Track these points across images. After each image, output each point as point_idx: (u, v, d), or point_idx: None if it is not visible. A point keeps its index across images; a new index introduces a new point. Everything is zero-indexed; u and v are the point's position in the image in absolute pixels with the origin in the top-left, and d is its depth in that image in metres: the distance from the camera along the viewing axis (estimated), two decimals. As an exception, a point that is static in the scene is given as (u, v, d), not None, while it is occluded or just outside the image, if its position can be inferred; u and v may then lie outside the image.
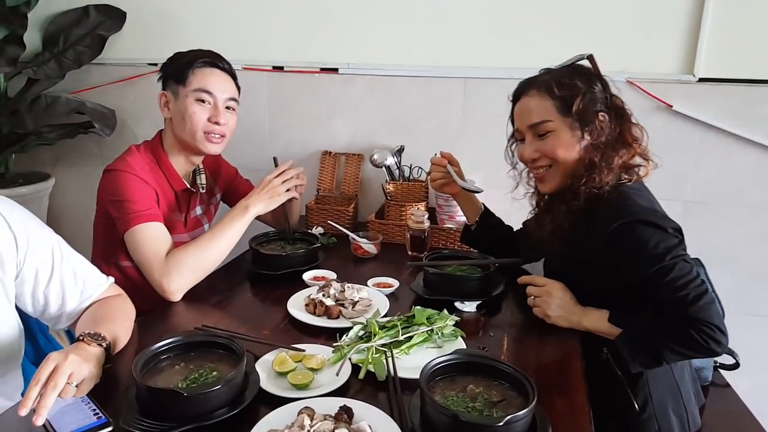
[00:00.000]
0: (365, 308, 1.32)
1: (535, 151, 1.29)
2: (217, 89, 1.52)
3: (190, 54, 1.54)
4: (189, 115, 1.50)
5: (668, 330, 1.12)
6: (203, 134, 1.53)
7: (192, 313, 1.35)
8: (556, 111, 1.24)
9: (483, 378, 0.98)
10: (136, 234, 1.39)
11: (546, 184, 1.33)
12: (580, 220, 1.25)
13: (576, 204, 1.25)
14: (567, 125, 1.24)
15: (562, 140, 1.25)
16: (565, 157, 1.26)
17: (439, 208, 1.89)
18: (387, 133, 2.07)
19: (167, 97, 1.55)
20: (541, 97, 1.26)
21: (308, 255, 1.58)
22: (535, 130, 1.28)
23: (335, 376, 1.04)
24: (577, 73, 1.26)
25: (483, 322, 1.32)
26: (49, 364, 0.88)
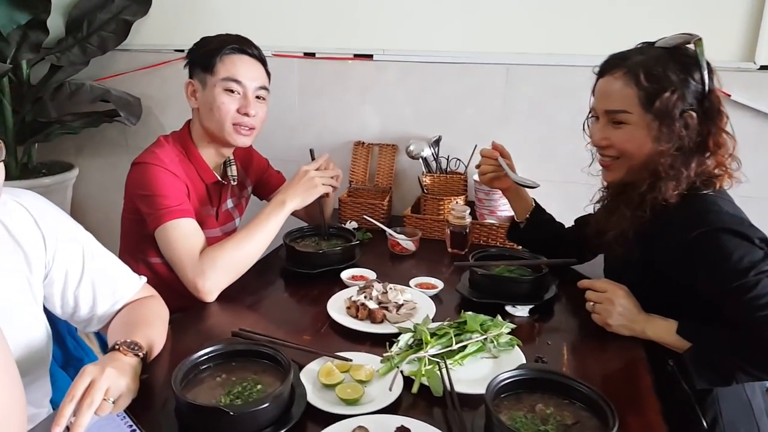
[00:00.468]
0: (410, 311, 1.24)
1: (604, 139, 1.18)
2: (247, 78, 1.44)
3: (217, 39, 1.45)
4: (217, 106, 1.42)
5: (744, 351, 1.03)
6: (232, 126, 1.45)
7: (226, 314, 1.28)
8: (638, 103, 1.12)
9: (552, 396, 0.90)
10: (167, 231, 1.32)
11: (610, 174, 1.22)
12: (650, 229, 1.15)
13: (641, 215, 1.15)
14: (645, 121, 1.12)
15: (636, 136, 1.14)
16: (635, 153, 1.15)
17: (479, 202, 1.79)
18: (423, 122, 1.96)
19: (194, 86, 1.47)
20: (625, 83, 1.13)
21: (346, 252, 1.50)
22: (610, 116, 1.16)
23: (386, 390, 0.96)
24: (674, 61, 1.11)
25: (537, 328, 1.23)
26: (84, 379, 0.82)
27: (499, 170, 1.41)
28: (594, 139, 1.21)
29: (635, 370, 1.08)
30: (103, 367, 0.84)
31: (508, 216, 1.76)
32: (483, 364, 1.07)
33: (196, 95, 1.46)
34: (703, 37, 1.68)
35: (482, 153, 1.44)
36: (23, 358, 0.92)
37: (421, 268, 1.54)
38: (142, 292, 1.14)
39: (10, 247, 0.93)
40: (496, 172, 1.42)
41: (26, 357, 0.93)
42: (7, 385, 0.71)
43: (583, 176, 1.34)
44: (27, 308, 0.95)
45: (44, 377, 1.02)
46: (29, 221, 0.95)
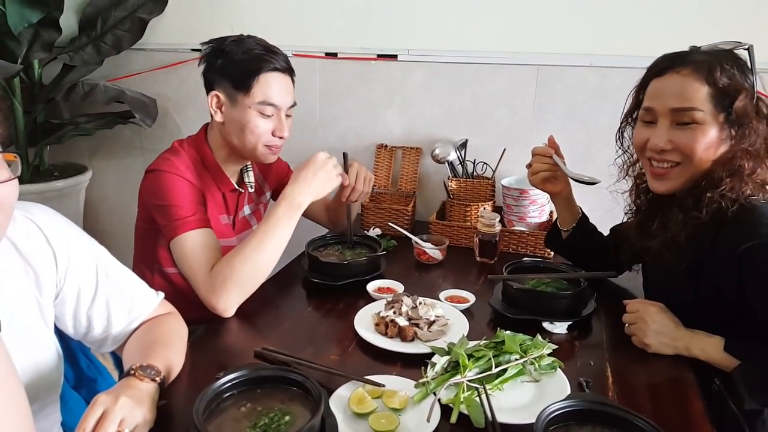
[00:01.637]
0: (442, 328, 1.17)
1: (669, 141, 1.08)
2: (281, 100, 1.37)
3: (249, 55, 1.33)
4: (251, 129, 1.35)
5: None
6: (264, 147, 1.39)
7: (247, 330, 1.22)
8: (710, 101, 1.04)
9: (604, 429, 0.83)
10: (182, 242, 1.26)
11: (664, 183, 1.12)
12: (702, 234, 1.07)
13: (696, 216, 1.06)
14: (717, 122, 1.05)
15: (707, 138, 1.05)
16: (702, 157, 1.06)
17: (508, 209, 1.72)
18: (449, 125, 1.89)
19: (221, 101, 1.37)
20: (696, 80, 1.04)
21: (371, 263, 1.43)
22: (677, 115, 1.07)
23: (422, 419, 0.89)
24: (737, 64, 1.06)
25: (578, 347, 1.16)
26: (96, 409, 0.76)
27: (554, 169, 1.32)
28: (653, 143, 1.10)
29: (685, 394, 1.01)
30: (117, 395, 0.78)
31: (538, 223, 1.69)
32: (524, 389, 1.00)
33: (223, 109, 1.37)
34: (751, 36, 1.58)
35: (535, 151, 1.35)
36: (32, 383, 0.87)
37: (449, 278, 1.48)
38: (159, 309, 1.08)
39: (20, 268, 0.87)
40: (550, 171, 1.33)
41: (35, 383, 0.87)
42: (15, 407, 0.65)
43: (622, 184, 1.26)
44: (37, 331, 0.89)
45: (54, 403, 0.96)
46: (40, 238, 0.89)
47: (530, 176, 1.36)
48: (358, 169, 1.55)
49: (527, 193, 1.66)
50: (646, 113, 1.13)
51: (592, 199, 1.40)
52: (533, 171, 1.35)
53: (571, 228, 1.40)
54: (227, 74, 1.35)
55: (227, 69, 1.34)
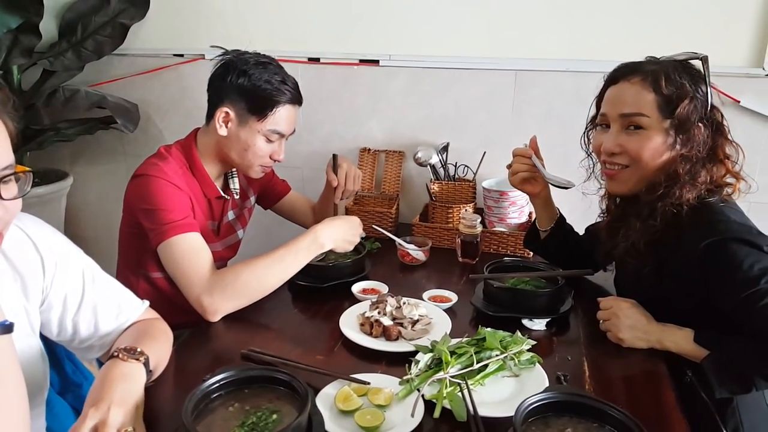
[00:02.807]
0: (425, 327, 1.20)
1: (618, 145, 1.15)
2: (289, 129, 1.42)
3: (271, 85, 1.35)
4: (254, 151, 1.39)
5: (764, 357, 1.01)
6: (259, 167, 1.43)
7: (234, 332, 1.23)
8: (656, 108, 1.11)
9: (581, 420, 0.86)
10: (172, 246, 1.27)
11: (616, 184, 1.20)
12: (662, 238, 1.13)
13: (653, 224, 1.13)
14: (662, 127, 1.12)
15: (653, 142, 1.12)
16: (648, 161, 1.13)
17: (488, 210, 1.76)
18: (431, 129, 1.92)
19: (229, 116, 1.38)
20: (644, 87, 1.12)
21: (356, 264, 1.46)
22: (625, 120, 1.14)
23: (407, 415, 0.92)
24: (687, 73, 1.12)
25: (556, 342, 1.20)
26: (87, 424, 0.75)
27: (533, 170, 1.36)
28: (605, 147, 1.18)
29: (658, 385, 1.06)
30: (107, 404, 0.79)
31: (518, 223, 1.73)
32: (504, 383, 1.04)
33: (229, 125, 1.38)
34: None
35: (515, 152, 1.38)
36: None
37: (432, 278, 1.51)
38: (145, 315, 1.09)
39: (8, 276, 0.88)
40: (529, 173, 1.37)
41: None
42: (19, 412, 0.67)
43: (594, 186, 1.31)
44: (23, 339, 0.90)
45: (39, 407, 0.96)
46: (29, 246, 0.90)
47: (510, 177, 1.40)
48: (347, 169, 1.58)
49: (507, 194, 1.70)
50: (601, 118, 1.20)
51: (571, 200, 1.44)
52: (513, 171, 1.39)
53: (549, 228, 1.45)
54: (245, 96, 1.35)
55: (246, 92, 1.35)
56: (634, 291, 1.24)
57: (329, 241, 1.33)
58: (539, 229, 1.48)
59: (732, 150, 1.15)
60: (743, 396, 1.11)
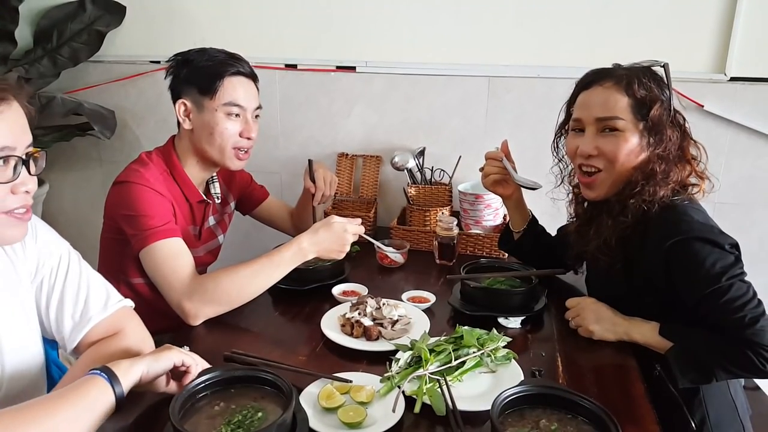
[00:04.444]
0: (405, 327, 1.24)
1: (595, 148, 1.19)
2: (247, 101, 1.41)
3: (214, 61, 1.39)
4: (219, 131, 1.39)
5: (724, 350, 1.08)
6: (232, 150, 1.42)
7: (216, 336, 1.25)
8: (630, 111, 1.16)
9: (555, 411, 0.90)
10: (154, 252, 1.28)
11: (593, 191, 1.24)
12: (631, 235, 1.18)
13: (624, 220, 1.17)
14: (637, 129, 1.16)
15: (629, 143, 1.16)
16: (624, 162, 1.17)
17: (464, 213, 1.80)
18: (407, 134, 1.97)
19: (188, 108, 1.40)
20: (617, 91, 1.16)
21: (336, 268, 1.48)
22: (601, 124, 1.18)
23: (388, 411, 0.95)
24: (653, 78, 1.18)
25: (530, 339, 1.24)
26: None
27: (504, 173, 1.40)
28: (582, 149, 1.21)
29: (628, 378, 1.10)
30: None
31: (493, 225, 1.78)
32: (481, 379, 1.07)
33: (190, 116, 1.41)
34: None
35: (487, 155, 1.42)
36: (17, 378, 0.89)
37: (411, 280, 1.54)
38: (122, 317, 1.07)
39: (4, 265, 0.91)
40: (500, 175, 1.41)
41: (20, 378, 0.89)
42: None
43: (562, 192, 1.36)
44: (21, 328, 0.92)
45: None
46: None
47: (482, 179, 1.45)
48: (324, 174, 1.61)
49: (482, 197, 1.75)
50: (575, 123, 1.24)
51: (542, 204, 1.49)
52: (485, 174, 1.43)
53: (522, 230, 1.49)
54: (192, 81, 1.39)
55: (192, 76, 1.39)
56: (605, 288, 1.29)
57: (313, 251, 1.33)
58: (513, 230, 1.52)
59: (696, 151, 1.21)
60: (709, 388, 1.16)
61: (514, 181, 1.38)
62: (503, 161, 1.39)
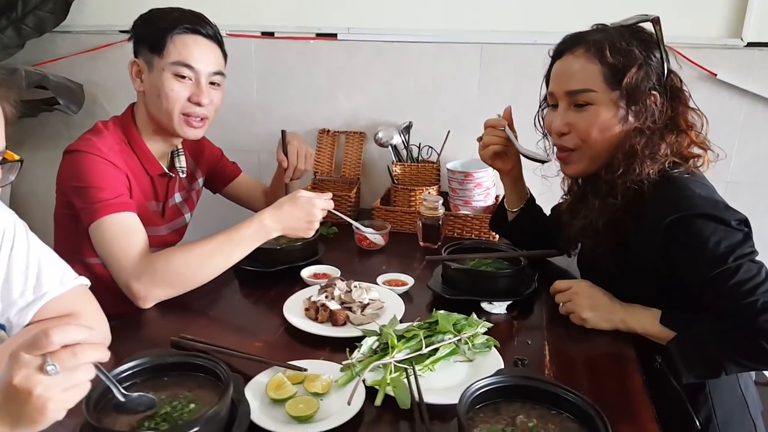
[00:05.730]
0: (376, 312, 1.12)
1: (566, 125, 1.09)
2: (201, 62, 1.28)
3: (168, 16, 1.28)
4: (165, 93, 1.26)
5: (734, 340, 0.95)
6: (181, 116, 1.29)
7: (171, 319, 1.14)
8: (602, 80, 1.04)
9: (535, 406, 0.79)
10: (103, 227, 1.17)
11: (569, 167, 1.14)
12: (623, 217, 1.06)
13: (613, 201, 1.06)
14: (611, 100, 1.04)
15: (601, 118, 1.05)
16: (597, 138, 1.06)
17: (453, 193, 1.68)
18: (393, 108, 1.83)
19: (139, 66, 1.30)
20: (588, 60, 1.05)
21: (307, 248, 1.36)
22: (572, 98, 1.07)
23: (345, 404, 0.83)
24: (636, 38, 1.05)
25: (516, 326, 1.13)
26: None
27: (505, 143, 1.26)
28: (553, 127, 1.11)
29: (624, 370, 0.99)
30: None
31: (483, 207, 1.65)
32: (457, 369, 0.96)
33: (142, 77, 1.30)
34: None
35: (487, 123, 1.28)
36: None
37: (392, 264, 1.42)
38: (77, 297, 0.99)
39: None
40: (501, 145, 1.26)
41: None
42: None
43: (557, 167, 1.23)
44: None
45: None
46: None
47: (480, 150, 1.30)
48: (298, 147, 1.49)
49: (472, 176, 1.62)
50: (550, 98, 1.13)
51: (531, 183, 1.37)
52: (484, 144, 1.29)
53: (519, 209, 1.37)
54: (144, 38, 1.28)
55: (145, 33, 1.29)
56: (596, 273, 1.17)
57: (277, 229, 1.21)
58: (507, 209, 1.39)
59: (696, 118, 1.08)
60: (716, 382, 1.06)
61: (519, 152, 1.24)
62: (505, 130, 1.25)
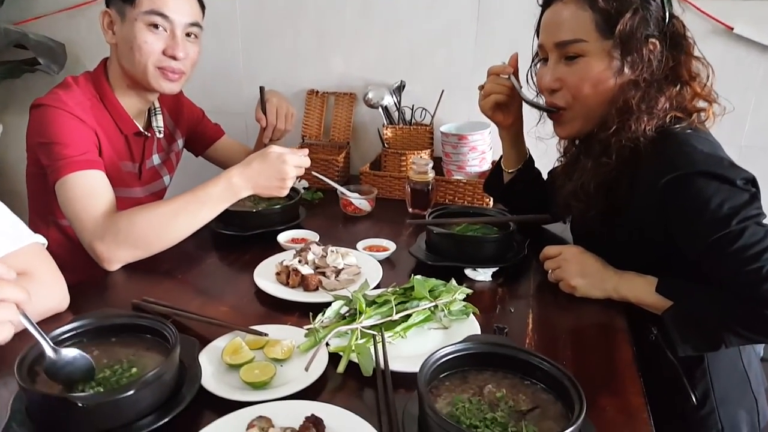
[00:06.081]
0: (352, 278, 1.06)
1: (557, 80, 1.00)
2: (175, 12, 1.20)
3: None
4: (138, 45, 1.19)
5: (735, 309, 0.88)
6: (156, 69, 1.22)
7: (137, 282, 1.09)
8: (594, 29, 0.94)
9: (506, 375, 0.73)
10: (67, 185, 1.12)
11: (562, 128, 1.06)
12: (618, 178, 0.98)
13: (606, 162, 0.97)
14: (604, 50, 0.95)
15: (594, 70, 0.96)
16: (589, 93, 0.97)
17: (446, 157, 1.59)
18: (384, 67, 1.74)
19: (111, 17, 1.23)
20: (578, 7, 0.95)
21: (285, 212, 1.31)
22: (562, 50, 0.98)
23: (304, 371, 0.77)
24: None
25: (500, 294, 1.06)
26: None
27: (509, 93, 1.15)
28: (543, 83, 1.03)
29: (613, 342, 0.92)
30: None
31: (478, 172, 1.57)
32: (431, 336, 0.91)
33: (114, 28, 1.23)
34: None
35: (491, 70, 1.18)
36: None
37: (377, 231, 1.36)
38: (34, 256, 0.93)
39: None
40: (503, 95, 1.16)
41: None
42: None
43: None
44: None
45: None
46: None
47: (480, 100, 1.20)
48: (278, 104, 1.42)
49: (467, 138, 1.54)
50: (540, 50, 1.05)
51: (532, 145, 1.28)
52: (485, 93, 1.18)
53: (516, 170, 1.28)
54: None
55: None
56: (588, 240, 1.10)
57: (247, 188, 1.13)
58: (504, 170, 1.30)
59: (700, 68, 0.98)
60: (715, 356, 0.99)
61: (527, 102, 1.12)
62: (510, 78, 1.15)
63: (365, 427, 0.67)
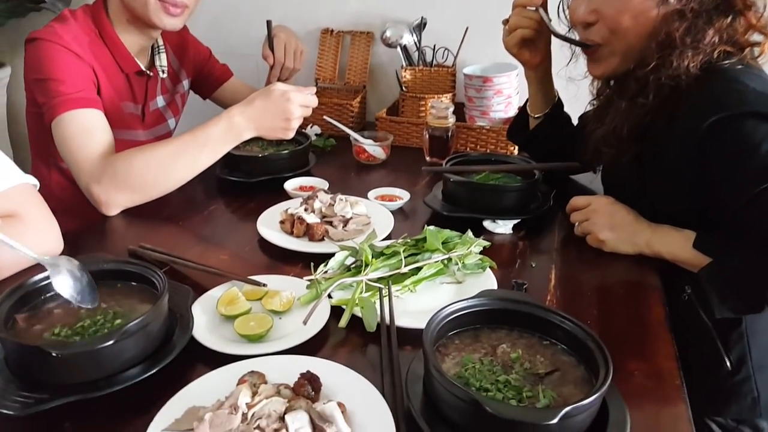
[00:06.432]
0: (361, 228, 0.99)
1: (592, 12, 0.89)
2: None
3: None
4: None
5: None
6: (157, 2, 1.13)
7: (135, 228, 1.04)
8: None
9: (522, 334, 0.66)
10: (62, 124, 1.06)
11: (597, 66, 0.95)
12: (654, 119, 0.88)
13: (642, 102, 0.87)
14: None
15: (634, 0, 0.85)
16: (629, 26, 0.87)
17: (469, 102, 1.48)
18: (404, 3, 1.61)
19: None
20: None
21: (294, 158, 1.23)
22: None
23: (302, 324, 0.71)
24: None
25: (521, 248, 0.98)
26: None
27: (537, 27, 1.04)
28: (577, 15, 0.92)
29: (644, 300, 0.85)
30: None
31: (503, 118, 1.46)
32: (443, 291, 0.84)
33: None
34: None
35: (517, 2, 1.06)
36: None
37: (391, 180, 1.27)
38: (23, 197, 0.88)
39: None
40: (530, 30, 1.04)
41: None
42: None
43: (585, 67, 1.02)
44: None
45: None
46: None
47: (505, 37, 1.09)
48: (286, 40, 1.32)
49: (491, 81, 1.42)
50: None
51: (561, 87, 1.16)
52: (510, 27, 1.07)
53: (543, 114, 1.17)
54: None
55: None
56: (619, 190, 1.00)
57: (249, 128, 1.06)
58: (530, 114, 1.20)
59: None
60: (755, 319, 0.91)
61: (557, 36, 1.01)
62: (538, 11, 1.03)
63: (365, 385, 0.62)
